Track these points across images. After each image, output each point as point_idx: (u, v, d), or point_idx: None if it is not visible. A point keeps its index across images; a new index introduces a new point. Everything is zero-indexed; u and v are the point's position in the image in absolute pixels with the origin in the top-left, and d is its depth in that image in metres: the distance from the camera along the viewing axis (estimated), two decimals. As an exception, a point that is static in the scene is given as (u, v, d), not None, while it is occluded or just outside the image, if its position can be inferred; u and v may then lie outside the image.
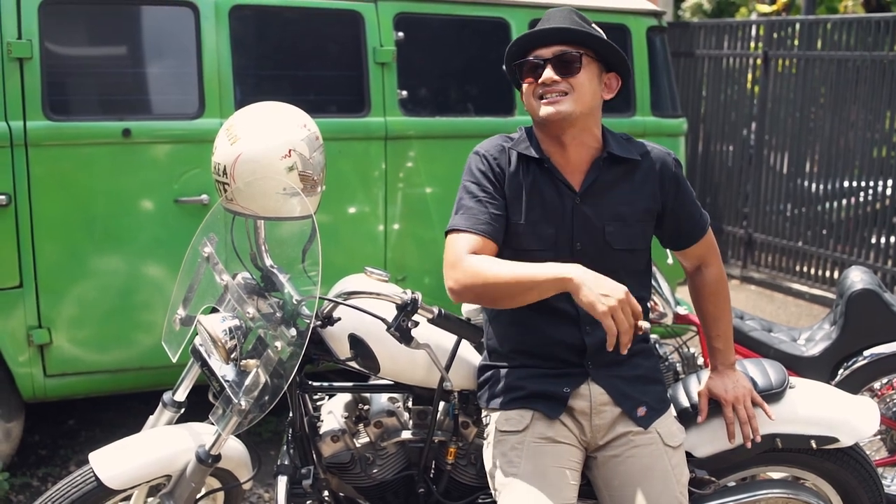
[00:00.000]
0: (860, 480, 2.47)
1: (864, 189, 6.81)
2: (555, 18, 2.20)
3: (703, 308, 2.42)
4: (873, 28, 6.57)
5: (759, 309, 6.72)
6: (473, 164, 2.21)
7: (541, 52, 2.17)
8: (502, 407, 2.23)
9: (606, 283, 1.93)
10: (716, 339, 2.39)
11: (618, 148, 2.22)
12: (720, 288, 2.39)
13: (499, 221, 2.15)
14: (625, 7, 4.63)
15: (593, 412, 2.20)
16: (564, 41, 2.15)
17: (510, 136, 2.26)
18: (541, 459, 2.12)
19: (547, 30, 2.16)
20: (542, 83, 2.14)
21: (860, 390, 3.41)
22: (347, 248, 4.02)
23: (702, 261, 2.39)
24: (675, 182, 2.27)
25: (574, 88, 2.13)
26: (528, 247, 2.18)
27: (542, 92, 2.15)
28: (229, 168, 2.14)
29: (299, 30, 4.04)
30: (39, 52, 3.44)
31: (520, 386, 2.22)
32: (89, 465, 2.21)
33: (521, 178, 2.19)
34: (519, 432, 2.17)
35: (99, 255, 3.64)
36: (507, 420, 2.20)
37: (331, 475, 2.45)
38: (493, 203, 2.16)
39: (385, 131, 4.02)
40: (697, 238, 2.35)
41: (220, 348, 2.14)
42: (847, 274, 3.59)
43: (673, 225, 2.31)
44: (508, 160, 2.20)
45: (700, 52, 7.91)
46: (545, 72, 2.14)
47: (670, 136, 4.76)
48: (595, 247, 2.19)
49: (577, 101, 2.13)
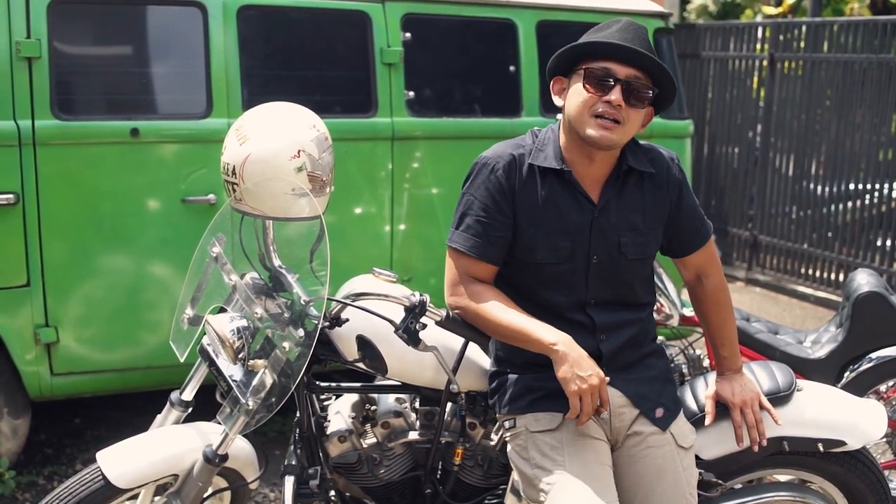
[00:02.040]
0: (867, 484, 2.47)
1: (870, 192, 6.80)
2: (633, 37, 2.07)
3: (706, 317, 2.40)
4: (880, 30, 6.56)
5: (764, 311, 6.71)
6: (479, 178, 2.15)
7: (616, 67, 2.05)
8: (526, 409, 2.19)
9: (586, 365, 2.02)
10: (721, 347, 2.39)
11: (634, 160, 2.18)
12: (722, 297, 2.37)
13: (500, 243, 2.14)
14: (632, 9, 4.63)
15: (613, 415, 2.19)
16: (642, 68, 2.07)
17: (520, 143, 2.19)
18: (584, 457, 2.10)
19: (631, 50, 2.04)
20: (608, 102, 2.04)
21: (866, 393, 3.40)
22: (354, 248, 4.02)
23: (701, 271, 2.35)
24: (679, 187, 2.26)
25: (629, 120, 2.06)
26: (543, 260, 2.15)
27: (601, 111, 2.05)
28: (238, 168, 2.15)
29: (307, 30, 4.04)
30: (48, 52, 3.45)
31: (538, 387, 2.19)
32: (97, 464, 2.22)
33: (536, 189, 2.14)
34: (553, 430, 2.14)
35: (106, 255, 3.64)
36: (536, 420, 2.17)
37: (337, 475, 2.45)
38: (496, 224, 2.12)
39: (392, 132, 4.03)
40: (697, 247, 2.31)
41: (227, 348, 2.15)
42: (853, 276, 3.58)
43: (673, 231, 2.28)
44: (519, 171, 2.14)
45: (706, 54, 7.91)
46: (614, 92, 2.04)
47: (676, 138, 4.76)
48: (610, 258, 2.17)
49: (626, 134, 2.09)
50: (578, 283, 2.16)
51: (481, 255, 2.14)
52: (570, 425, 2.13)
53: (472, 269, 2.15)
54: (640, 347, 2.25)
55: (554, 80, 2.19)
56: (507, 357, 2.27)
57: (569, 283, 2.16)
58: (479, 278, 2.17)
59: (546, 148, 2.16)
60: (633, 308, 2.23)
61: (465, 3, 4.20)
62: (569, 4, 4.42)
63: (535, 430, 2.16)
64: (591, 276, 2.15)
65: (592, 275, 2.15)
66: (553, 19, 4.32)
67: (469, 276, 2.16)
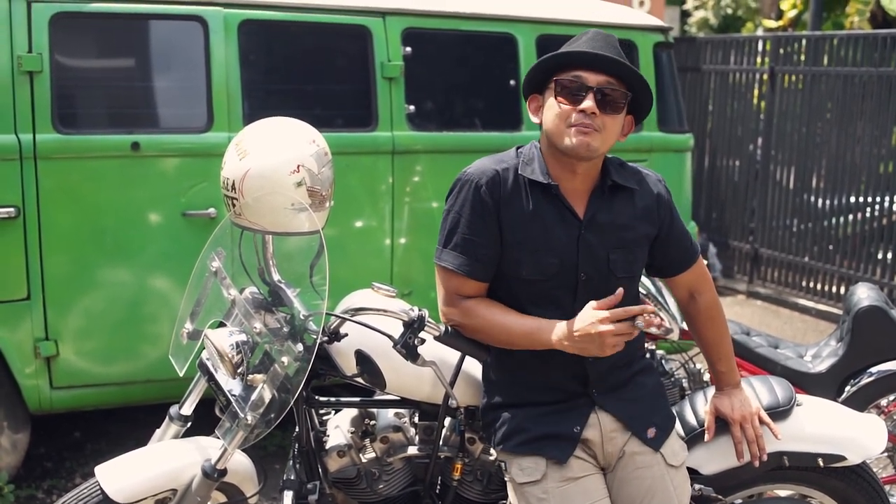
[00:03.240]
0: (867, 498, 2.46)
1: (871, 204, 6.80)
2: (603, 45, 2.07)
3: (701, 335, 2.39)
4: (880, 44, 6.58)
5: (765, 324, 6.70)
6: (462, 194, 2.13)
7: (586, 76, 2.04)
8: (513, 451, 2.18)
9: (577, 326, 2.00)
10: (718, 363, 2.38)
11: (617, 176, 2.17)
12: (715, 313, 2.36)
13: (489, 261, 2.13)
14: (632, 23, 4.65)
15: (604, 440, 2.17)
16: (614, 74, 2.06)
17: (503, 159, 2.17)
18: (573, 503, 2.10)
19: (600, 56, 2.04)
20: (582, 111, 2.03)
21: (867, 407, 3.39)
22: (354, 262, 4.02)
23: (693, 288, 2.35)
24: (669, 209, 2.26)
25: (605, 128, 2.05)
26: (528, 276, 2.13)
27: (576, 121, 2.04)
28: (238, 183, 2.15)
29: (307, 44, 4.06)
30: (49, 66, 3.46)
31: (524, 428, 2.17)
32: (95, 479, 2.21)
33: (522, 204, 2.12)
34: (538, 482, 2.12)
35: (106, 268, 3.65)
36: (522, 471, 2.15)
37: (336, 490, 2.45)
38: (483, 242, 2.11)
39: (392, 146, 4.03)
40: (689, 265, 2.32)
41: (226, 363, 2.15)
42: (853, 290, 3.58)
43: (663, 252, 2.27)
44: (504, 185, 2.12)
45: (706, 68, 7.93)
46: (587, 101, 2.03)
47: (677, 152, 4.77)
48: (599, 276, 2.15)
49: (605, 142, 2.07)
50: (565, 300, 2.14)
51: (471, 273, 2.13)
52: (554, 473, 2.12)
53: (463, 287, 2.15)
54: (629, 367, 2.23)
55: (529, 98, 2.19)
56: (497, 378, 2.25)
57: (556, 299, 2.14)
58: (470, 295, 2.16)
59: (532, 163, 2.15)
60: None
61: (466, 17, 4.21)
62: (568, 19, 4.44)
63: (520, 482, 2.14)
64: (579, 293, 2.13)
65: (581, 292, 2.13)
66: (553, 33, 4.33)
67: (460, 294, 2.16)
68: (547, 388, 2.18)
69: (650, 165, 4.60)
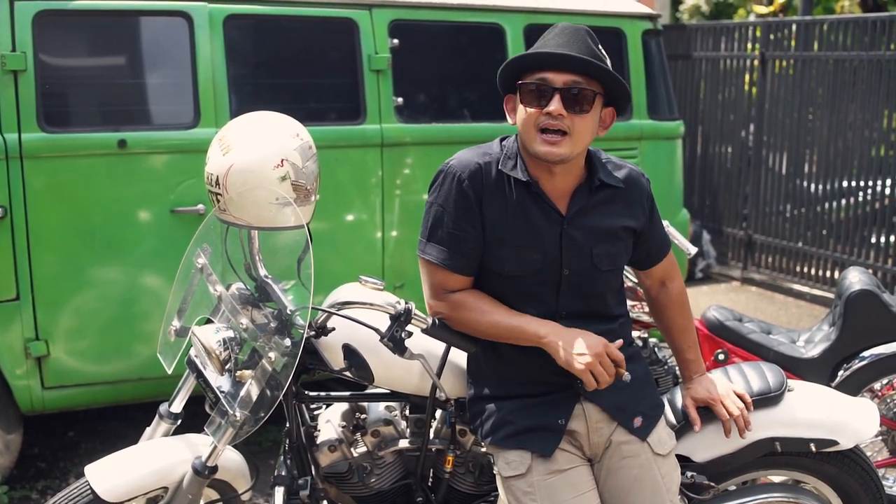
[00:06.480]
0: (861, 483, 2.46)
1: (863, 189, 6.80)
2: (569, 40, 2.01)
3: (671, 321, 2.39)
4: (870, 28, 6.56)
5: (759, 310, 6.70)
6: (445, 187, 2.10)
7: (550, 76, 1.99)
8: (498, 444, 2.17)
9: (580, 342, 2.00)
10: (688, 350, 2.39)
11: (604, 174, 2.15)
12: (685, 299, 2.40)
13: (473, 254, 2.12)
14: (620, 11, 4.63)
15: (591, 431, 2.16)
16: (579, 71, 1.99)
17: (487, 151, 2.14)
18: (557, 497, 2.08)
19: (563, 56, 1.98)
20: (548, 114, 1.98)
21: (860, 391, 3.39)
22: (345, 255, 4.01)
23: (666, 276, 2.37)
24: (651, 203, 2.26)
25: (575, 129, 2.00)
26: (511, 272, 2.11)
27: (544, 124, 2.00)
28: (222, 178, 2.14)
29: (294, 38, 4.04)
30: (34, 64, 3.44)
31: (509, 420, 2.16)
32: (85, 478, 2.20)
33: (505, 196, 2.09)
34: (524, 476, 2.11)
35: (96, 267, 3.63)
36: (507, 464, 2.14)
37: (328, 485, 2.44)
38: (467, 236, 2.10)
39: (381, 138, 4.02)
40: (663, 257, 2.34)
41: (214, 359, 2.14)
42: (845, 275, 3.58)
43: (645, 245, 2.28)
44: (487, 178, 2.09)
45: (697, 54, 7.91)
46: (553, 102, 1.98)
47: (667, 139, 4.75)
48: (583, 270, 2.13)
49: (576, 145, 2.02)
50: (548, 295, 2.13)
51: (455, 267, 2.12)
52: (540, 466, 2.11)
53: (448, 281, 2.13)
54: None
55: (505, 99, 2.15)
56: (482, 371, 2.24)
57: (538, 295, 2.13)
58: (456, 289, 2.15)
59: (514, 158, 2.12)
60: (604, 320, 2.19)
61: (453, 7, 4.19)
62: (556, 7, 4.43)
63: (507, 476, 2.14)
64: (562, 288, 2.13)
65: (564, 287, 2.13)
66: (541, 23, 4.32)
67: (445, 287, 2.14)
68: (532, 381, 2.17)
69: (641, 153, 4.62)
